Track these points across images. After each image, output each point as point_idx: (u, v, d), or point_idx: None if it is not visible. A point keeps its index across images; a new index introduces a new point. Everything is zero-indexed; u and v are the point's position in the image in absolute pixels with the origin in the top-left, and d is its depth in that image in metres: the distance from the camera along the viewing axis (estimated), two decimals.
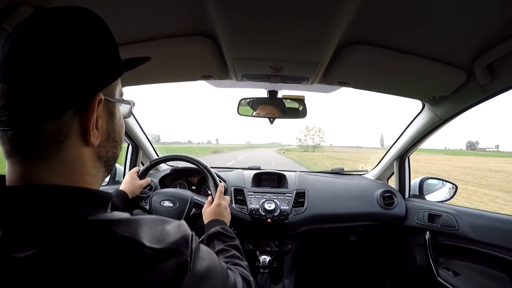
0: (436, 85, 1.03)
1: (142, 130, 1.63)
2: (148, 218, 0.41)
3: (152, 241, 0.36)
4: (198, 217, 1.10)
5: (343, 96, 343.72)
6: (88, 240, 0.34)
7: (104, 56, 0.40)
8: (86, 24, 0.39)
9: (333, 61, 0.90)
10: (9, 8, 0.59)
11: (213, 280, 0.43)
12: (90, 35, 0.38)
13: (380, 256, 1.84)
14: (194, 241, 0.41)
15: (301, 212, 1.44)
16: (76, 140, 0.38)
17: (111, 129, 0.44)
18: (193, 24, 0.77)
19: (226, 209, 0.97)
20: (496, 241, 1.11)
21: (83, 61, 0.37)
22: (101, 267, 0.32)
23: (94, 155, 0.41)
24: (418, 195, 1.59)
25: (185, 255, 0.38)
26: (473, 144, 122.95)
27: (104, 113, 0.42)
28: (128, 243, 0.35)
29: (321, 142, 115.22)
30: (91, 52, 0.38)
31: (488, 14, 0.67)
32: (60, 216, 0.35)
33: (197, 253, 0.41)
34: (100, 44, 0.39)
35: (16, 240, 0.33)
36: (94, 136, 0.39)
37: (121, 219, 0.37)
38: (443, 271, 1.29)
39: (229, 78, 1.08)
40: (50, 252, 0.32)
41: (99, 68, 0.39)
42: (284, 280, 1.44)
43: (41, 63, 0.34)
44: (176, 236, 0.39)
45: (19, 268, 0.32)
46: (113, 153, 0.46)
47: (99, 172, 0.43)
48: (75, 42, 0.36)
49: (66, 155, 0.37)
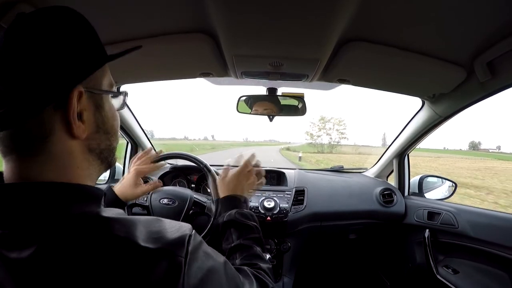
0: (436, 83, 1.03)
1: (141, 128, 1.63)
2: (145, 218, 0.40)
3: (146, 240, 0.36)
4: (198, 215, 1.10)
5: (348, 92, 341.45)
6: (83, 239, 0.34)
7: (79, 49, 0.39)
8: (59, 20, 0.39)
9: (333, 58, 0.90)
10: (6, 6, 0.59)
11: (215, 285, 0.40)
12: (63, 30, 0.38)
13: (380, 254, 1.84)
14: (191, 242, 0.39)
15: (300, 210, 1.44)
16: (61, 134, 0.38)
17: (100, 121, 0.43)
18: (193, 22, 0.77)
19: (247, 181, 0.83)
20: (495, 239, 1.11)
21: (55, 56, 0.37)
22: (95, 266, 0.33)
23: (83, 147, 0.41)
24: (418, 193, 1.60)
25: (180, 256, 0.37)
26: (475, 145, 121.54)
27: (90, 105, 0.41)
28: (123, 243, 0.35)
29: (341, 140, 73.53)
30: (63, 46, 0.38)
31: (489, 12, 0.66)
32: (53, 213, 0.35)
33: (195, 254, 0.39)
34: (74, 38, 0.39)
35: (12, 238, 0.33)
36: (79, 128, 0.39)
37: (115, 218, 0.37)
38: (443, 269, 1.29)
39: (228, 75, 1.08)
40: (47, 251, 0.32)
41: (74, 62, 0.38)
42: (284, 278, 1.44)
43: (15, 64, 0.35)
44: (173, 236, 0.38)
45: (17, 267, 0.32)
46: (107, 145, 0.45)
47: (92, 165, 0.43)
48: (47, 38, 0.37)
49: (53, 149, 0.38)
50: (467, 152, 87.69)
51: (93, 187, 0.41)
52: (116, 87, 0.48)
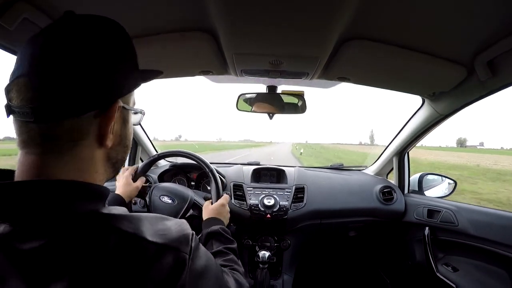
0: (436, 81, 1.03)
1: (140, 126, 1.62)
2: (149, 215, 0.43)
3: (153, 236, 0.38)
4: (194, 218, 1.10)
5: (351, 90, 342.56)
6: (93, 234, 0.35)
7: (127, 65, 0.43)
8: (113, 33, 0.41)
9: (333, 57, 0.90)
10: (5, 5, 0.58)
11: (209, 279, 0.45)
12: (117, 45, 0.41)
13: (379, 252, 1.85)
14: (194, 240, 0.44)
15: (300, 207, 1.44)
16: (92, 141, 0.40)
17: (123, 135, 0.46)
18: (193, 20, 0.76)
19: (227, 213, 0.97)
20: (495, 237, 1.12)
21: (109, 68, 0.39)
22: (106, 260, 0.34)
23: (105, 156, 0.44)
24: (418, 190, 1.60)
25: (184, 253, 0.40)
26: (463, 141, 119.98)
27: (120, 119, 0.44)
28: (132, 238, 0.37)
29: None
30: (117, 60, 0.40)
31: (490, 10, 0.66)
32: (65, 209, 0.36)
33: (196, 251, 0.43)
34: (125, 54, 0.42)
35: (23, 233, 0.34)
36: (109, 139, 0.41)
37: (123, 215, 0.39)
38: (442, 266, 1.30)
39: (228, 73, 1.07)
40: (57, 244, 0.34)
41: (122, 77, 0.41)
42: (284, 275, 1.45)
43: (71, 65, 0.36)
44: (177, 233, 0.42)
45: (26, 259, 0.33)
46: (122, 156, 0.48)
47: (106, 171, 0.46)
48: (103, 49, 0.39)
49: (80, 153, 0.40)
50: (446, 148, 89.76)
51: (101, 185, 0.43)
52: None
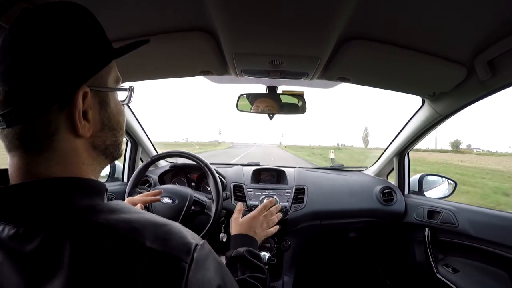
0: (436, 81, 1.03)
1: (141, 126, 1.62)
2: (153, 218, 0.39)
3: (153, 242, 0.35)
4: (198, 214, 1.10)
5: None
6: (90, 237, 0.35)
7: (85, 46, 0.39)
8: (64, 16, 0.39)
9: (333, 57, 0.90)
10: (5, 5, 0.58)
11: None
12: (68, 27, 0.38)
13: (380, 253, 1.85)
14: (198, 251, 0.37)
15: (300, 208, 1.44)
16: (67, 133, 0.39)
17: (106, 118, 0.44)
18: (192, 19, 0.76)
19: (261, 227, 0.85)
20: (495, 238, 1.11)
21: (61, 55, 0.37)
22: (102, 264, 0.33)
23: (88, 146, 0.42)
24: (418, 191, 1.59)
25: (184, 262, 0.35)
26: (456, 143, 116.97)
27: (95, 104, 0.42)
28: (129, 243, 0.35)
29: None
30: (69, 44, 0.38)
31: (490, 10, 0.66)
32: (59, 206, 0.36)
33: (201, 264, 0.37)
34: (80, 35, 0.39)
35: (22, 234, 0.34)
36: (84, 128, 0.39)
37: (124, 219, 0.37)
38: (442, 267, 1.30)
39: (228, 73, 1.07)
40: (53, 242, 0.34)
41: (80, 60, 0.38)
42: (284, 276, 1.44)
43: (20, 63, 0.35)
44: (179, 242, 0.37)
45: (27, 259, 0.33)
46: (113, 141, 0.46)
47: (96, 160, 0.44)
48: (53, 36, 0.37)
49: (59, 147, 0.39)
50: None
51: (97, 181, 0.42)
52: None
